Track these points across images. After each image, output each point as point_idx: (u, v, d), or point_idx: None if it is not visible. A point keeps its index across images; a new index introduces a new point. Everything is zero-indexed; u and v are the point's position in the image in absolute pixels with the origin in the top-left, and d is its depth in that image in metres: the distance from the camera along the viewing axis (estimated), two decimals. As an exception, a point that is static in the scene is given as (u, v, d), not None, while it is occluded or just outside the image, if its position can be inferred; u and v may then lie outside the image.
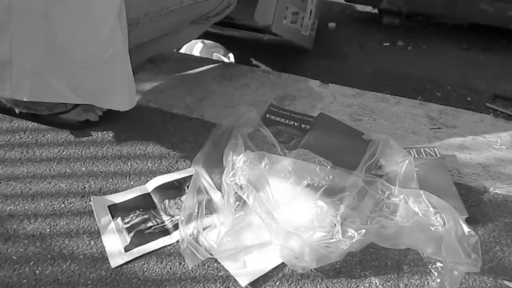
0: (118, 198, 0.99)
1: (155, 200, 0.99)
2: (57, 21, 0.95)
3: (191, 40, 1.33)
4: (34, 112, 1.15)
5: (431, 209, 0.86)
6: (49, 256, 0.88)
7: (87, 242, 0.91)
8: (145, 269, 0.86)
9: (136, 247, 0.90)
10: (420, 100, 1.36)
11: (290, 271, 0.86)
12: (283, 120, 1.21)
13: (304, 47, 1.89)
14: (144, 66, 1.45)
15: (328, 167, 0.94)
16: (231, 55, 1.81)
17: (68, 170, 1.07)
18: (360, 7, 2.30)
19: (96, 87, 1.04)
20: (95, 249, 0.89)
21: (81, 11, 0.97)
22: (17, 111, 1.14)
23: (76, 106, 1.15)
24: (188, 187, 0.98)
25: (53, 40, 0.96)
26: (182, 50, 1.78)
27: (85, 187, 1.02)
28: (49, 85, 0.99)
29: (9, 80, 0.98)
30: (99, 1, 0.97)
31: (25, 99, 1.01)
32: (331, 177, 0.93)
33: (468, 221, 0.90)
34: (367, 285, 0.84)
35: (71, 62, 0.99)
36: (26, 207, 0.98)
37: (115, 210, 0.96)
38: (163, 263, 0.88)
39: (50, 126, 1.18)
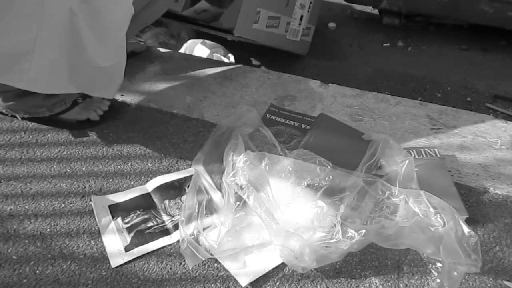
0: (119, 198, 0.99)
1: (155, 200, 0.99)
2: (82, 19, 0.97)
3: (167, 8, 1.34)
4: (36, 115, 1.17)
5: (431, 209, 0.86)
6: (49, 256, 0.88)
7: (88, 242, 0.91)
8: (145, 269, 0.86)
9: (136, 247, 0.90)
10: (420, 100, 1.36)
11: (290, 271, 0.86)
12: (283, 120, 1.21)
13: (296, 53, 1.87)
14: (145, 66, 1.45)
15: (328, 167, 0.95)
16: (231, 56, 1.81)
17: (68, 170, 1.07)
18: (360, 8, 2.31)
19: (93, 82, 1.09)
20: (95, 249, 0.90)
21: (104, 14, 1.00)
22: (19, 117, 1.16)
23: (74, 104, 1.16)
24: (188, 187, 0.99)
25: (75, 37, 0.99)
26: (182, 50, 1.79)
27: (85, 187, 1.02)
28: (61, 78, 1.02)
29: (26, 71, 0.98)
30: (119, 8, 1.02)
31: (40, 91, 1.04)
32: (331, 177, 0.93)
33: (468, 222, 0.90)
34: (367, 285, 0.84)
35: (84, 60, 1.02)
36: (26, 207, 0.98)
37: (115, 210, 0.97)
38: (164, 263, 0.88)
39: (52, 126, 1.18)
